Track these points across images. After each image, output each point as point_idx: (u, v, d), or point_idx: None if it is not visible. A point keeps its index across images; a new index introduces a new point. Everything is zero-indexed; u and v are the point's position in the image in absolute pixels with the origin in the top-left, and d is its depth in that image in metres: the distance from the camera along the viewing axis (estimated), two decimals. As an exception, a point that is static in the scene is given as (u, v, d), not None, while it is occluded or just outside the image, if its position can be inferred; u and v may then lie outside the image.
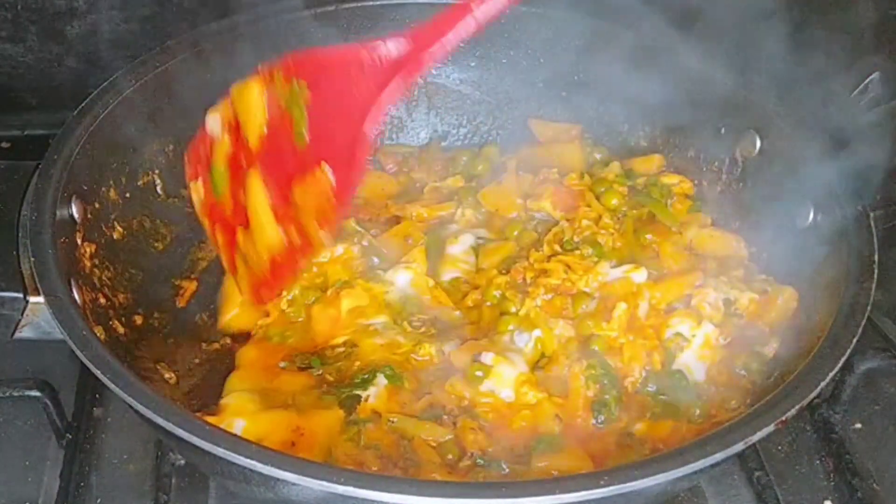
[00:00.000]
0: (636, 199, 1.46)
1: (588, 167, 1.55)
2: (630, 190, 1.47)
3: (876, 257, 1.19)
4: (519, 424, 1.23)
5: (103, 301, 1.27)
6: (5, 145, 1.82)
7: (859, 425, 1.36)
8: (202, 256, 1.49)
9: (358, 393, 1.24)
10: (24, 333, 1.18)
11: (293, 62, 1.20)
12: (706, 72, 1.48)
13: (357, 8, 1.58)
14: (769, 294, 1.31)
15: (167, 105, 1.45)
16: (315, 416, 1.21)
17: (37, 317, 1.16)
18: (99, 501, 1.23)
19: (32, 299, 1.15)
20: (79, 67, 1.79)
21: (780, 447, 1.33)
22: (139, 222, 1.42)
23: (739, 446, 0.99)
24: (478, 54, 1.66)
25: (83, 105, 1.36)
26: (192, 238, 1.49)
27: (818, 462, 1.32)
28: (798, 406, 1.03)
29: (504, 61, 1.66)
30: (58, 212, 1.21)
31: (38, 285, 1.12)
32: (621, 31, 1.54)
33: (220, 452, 0.95)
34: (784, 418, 1.02)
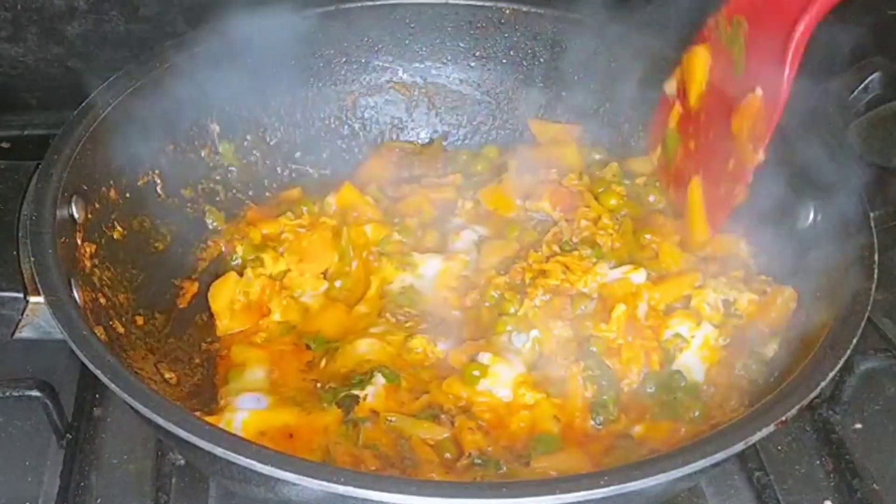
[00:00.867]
0: (633, 203, 1.47)
1: (587, 167, 1.55)
2: (628, 191, 1.48)
3: (876, 257, 1.19)
4: (517, 425, 1.23)
5: (103, 301, 1.27)
6: (5, 145, 1.82)
7: (859, 425, 1.36)
8: (203, 257, 1.49)
9: (356, 393, 1.24)
10: (24, 333, 1.18)
11: (733, 3, 1.27)
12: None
13: (356, 8, 1.59)
14: (769, 295, 1.30)
15: (167, 105, 1.45)
16: (312, 415, 1.21)
17: (37, 317, 1.16)
18: (99, 501, 1.23)
19: (32, 299, 1.15)
20: (79, 67, 1.79)
21: (780, 447, 1.33)
22: (139, 222, 1.41)
23: (739, 447, 0.99)
24: (478, 54, 1.66)
25: (83, 105, 1.36)
26: (193, 238, 1.49)
27: (818, 462, 1.32)
28: (798, 406, 1.03)
29: (504, 61, 1.66)
30: (58, 212, 1.21)
31: (38, 285, 1.12)
32: (621, 32, 1.54)
33: (220, 452, 0.95)
34: (784, 418, 1.02)
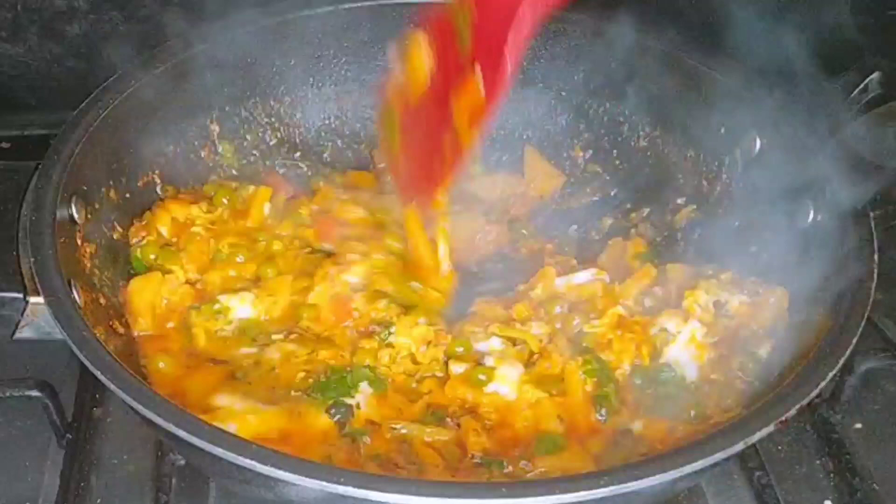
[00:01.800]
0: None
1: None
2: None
3: (876, 257, 1.19)
4: (521, 424, 1.23)
5: (103, 301, 1.27)
6: (5, 145, 1.82)
7: (859, 425, 1.36)
8: (203, 257, 1.49)
9: (344, 400, 1.22)
10: (24, 333, 1.18)
11: None
12: (706, 71, 1.48)
13: (356, 8, 1.59)
14: (760, 296, 1.30)
15: (167, 105, 1.45)
16: (304, 421, 1.19)
17: (37, 317, 1.16)
18: (99, 501, 1.23)
19: (32, 299, 1.15)
20: (79, 67, 1.79)
21: (780, 447, 1.33)
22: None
23: (739, 447, 0.99)
24: (477, 54, 1.66)
25: (83, 105, 1.36)
26: (193, 238, 1.49)
27: (818, 462, 1.32)
28: (798, 406, 1.03)
29: (504, 61, 1.66)
30: (58, 212, 1.21)
31: (38, 285, 1.12)
32: (621, 32, 1.53)
33: (220, 452, 0.95)
34: (784, 419, 1.02)
